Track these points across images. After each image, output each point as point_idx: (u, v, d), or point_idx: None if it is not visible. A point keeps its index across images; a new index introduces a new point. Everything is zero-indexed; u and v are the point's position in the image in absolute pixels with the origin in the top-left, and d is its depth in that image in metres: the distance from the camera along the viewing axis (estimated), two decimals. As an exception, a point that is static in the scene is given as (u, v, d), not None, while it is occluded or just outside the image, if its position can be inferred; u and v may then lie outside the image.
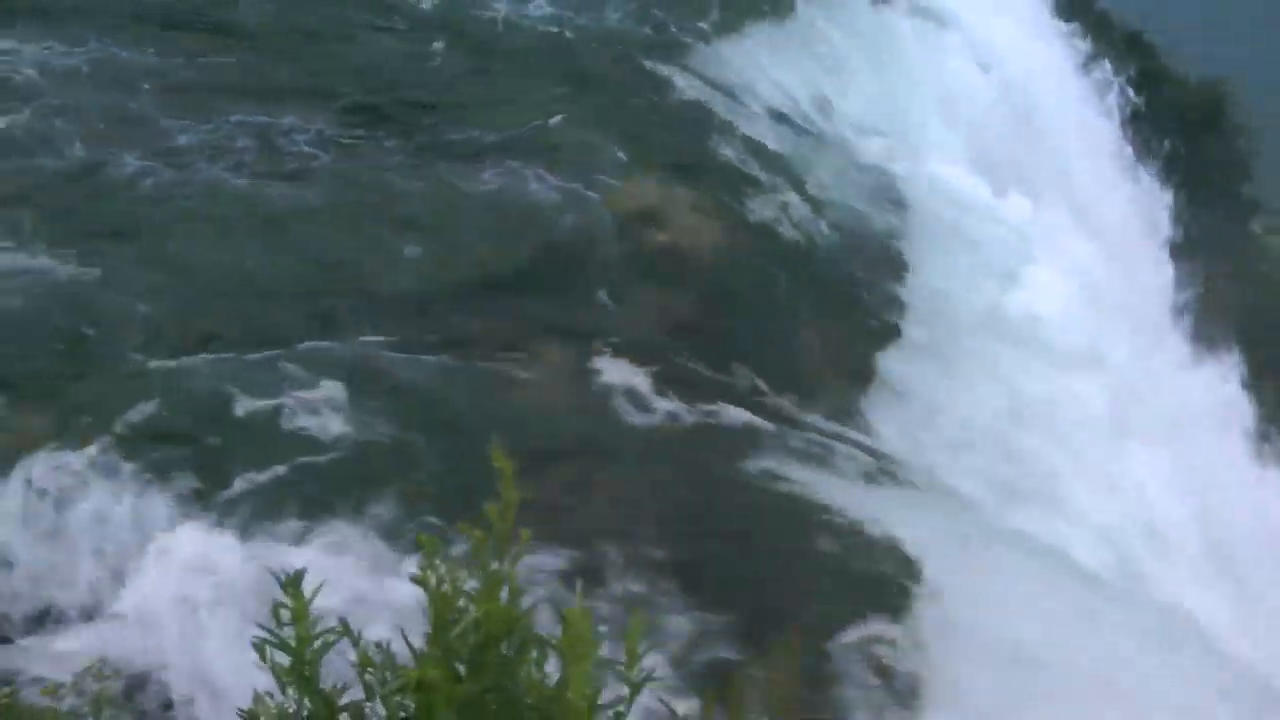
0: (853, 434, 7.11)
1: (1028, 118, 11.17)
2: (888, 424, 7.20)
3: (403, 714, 2.13)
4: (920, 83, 9.92)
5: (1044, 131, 11.30)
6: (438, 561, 2.13)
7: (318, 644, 2.12)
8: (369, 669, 2.14)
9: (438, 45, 8.94)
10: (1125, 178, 13.04)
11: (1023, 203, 8.95)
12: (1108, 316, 8.85)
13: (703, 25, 9.42)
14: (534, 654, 2.15)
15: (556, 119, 8.30)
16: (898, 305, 7.84)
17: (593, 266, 7.22)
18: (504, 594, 2.12)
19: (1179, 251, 13.77)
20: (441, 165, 7.65)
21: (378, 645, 2.12)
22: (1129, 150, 13.98)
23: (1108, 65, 14.46)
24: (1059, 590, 6.21)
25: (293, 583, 2.14)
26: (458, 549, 2.20)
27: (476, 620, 2.12)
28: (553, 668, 2.08)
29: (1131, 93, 14.99)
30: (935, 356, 7.59)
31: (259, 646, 2.12)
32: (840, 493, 6.23)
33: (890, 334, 7.69)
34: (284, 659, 2.12)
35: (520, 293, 6.90)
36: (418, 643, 2.06)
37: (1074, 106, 12.99)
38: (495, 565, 2.14)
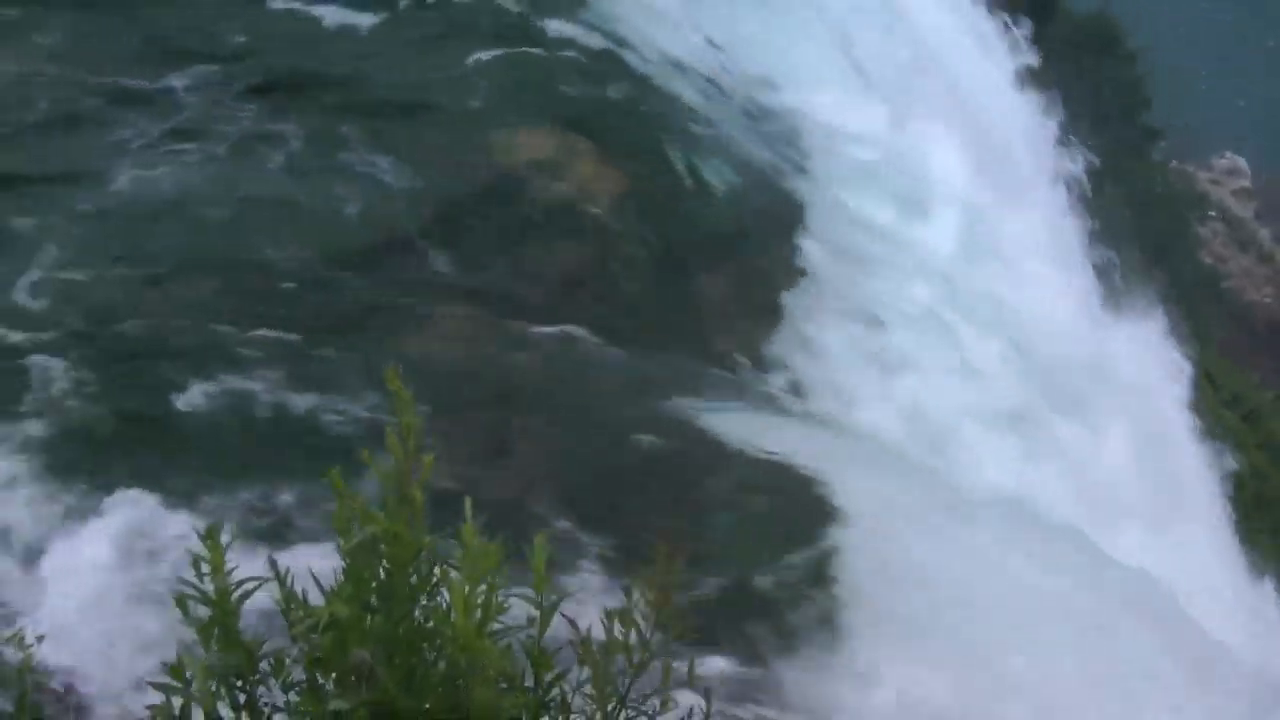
0: (762, 372, 7.16)
1: (924, 53, 11.24)
2: (795, 360, 7.24)
3: (317, 655, 2.12)
4: (813, 24, 9.92)
5: (940, 66, 11.38)
6: (346, 493, 2.14)
7: (236, 595, 2.10)
8: (291, 607, 2.14)
9: (318, 11, 8.77)
10: (1022, 108, 13.18)
11: (921, 130, 9.02)
12: (1007, 248, 8.97)
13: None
14: (435, 577, 2.16)
15: (447, 77, 8.21)
16: (798, 245, 7.87)
17: (490, 223, 7.16)
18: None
19: (1080, 184, 13.99)
20: (327, 133, 7.52)
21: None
22: (1025, 83, 14.16)
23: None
24: (972, 520, 6.31)
25: (210, 534, 2.13)
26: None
27: (381, 545, 2.12)
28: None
29: (1025, 26, 15.20)
30: (837, 294, 7.64)
31: (180, 600, 2.10)
32: (751, 429, 6.29)
33: (793, 272, 7.72)
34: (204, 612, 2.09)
35: (416, 256, 6.84)
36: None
37: (968, 40, 13.10)
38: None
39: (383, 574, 2.10)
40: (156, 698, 2.08)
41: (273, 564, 2.12)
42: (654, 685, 2.20)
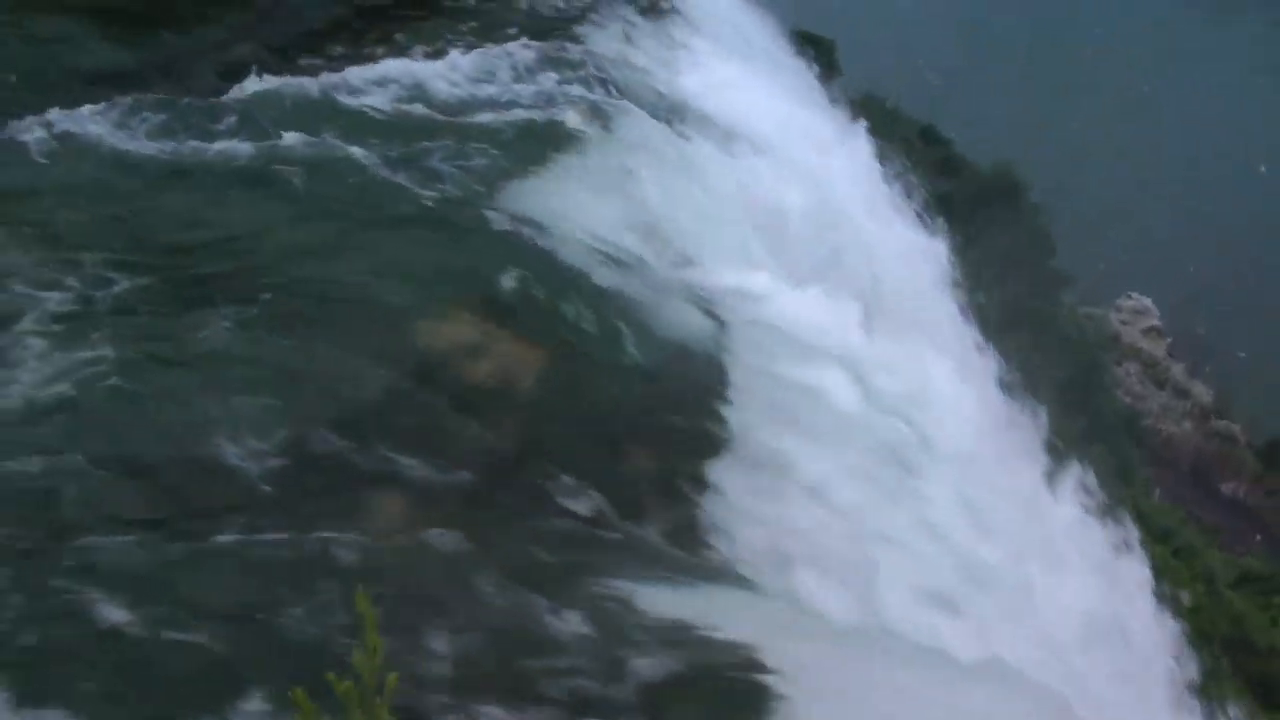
0: (689, 542, 7.19)
1: (832, 220, 11.57)
2: (721, 528, 7.29)
3: None
4: (725, 200, 10.22)
5: (849, 230, 11.71)
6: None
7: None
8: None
9: (239, 201, 8.89)
10: (930, 264, 13.55)
11: (833, 302, 9.26)
12: (917, 403, 9.16)
13: (506, 164, 9.56)
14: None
15: (365, 265, 8.30)
16: (720, 416, 7.98)
17: (413, 410, 7.18)
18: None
19: (992, 331, 14.33)
20: (245, 325, 7.55)
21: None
22: (934, 239, 14.58)
23: (904, 161, 15.14)
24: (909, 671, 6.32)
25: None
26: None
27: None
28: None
29: (928, 183, 15.72)
30: (756, 465, 7.73)
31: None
32: (675, 598, 6.29)
33: (716, 444, 7.80)
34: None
35: (338, 449, 6.81)
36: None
37: (875, 201, 13.51)
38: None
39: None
40: None
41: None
42: None
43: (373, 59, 11.09)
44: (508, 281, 8.49)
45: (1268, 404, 27.30)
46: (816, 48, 18.21)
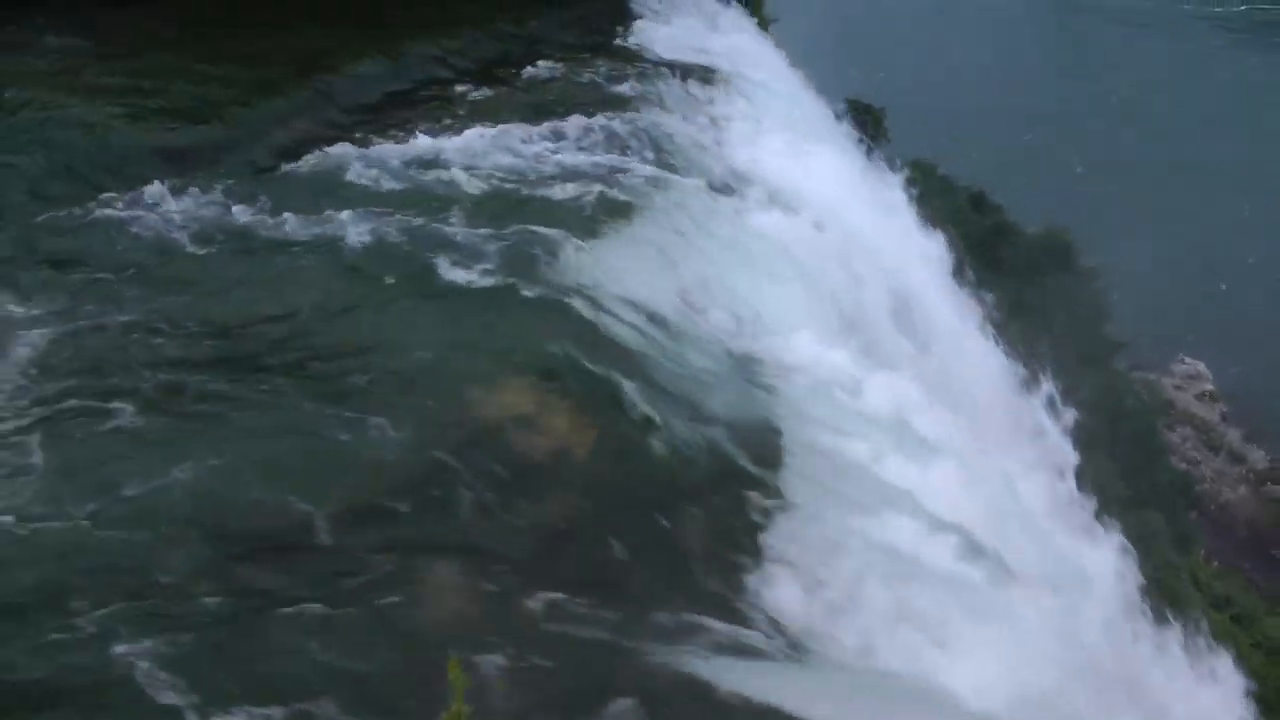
0: (747, 614, 7.17)
1: (887, 294, 11.59)
2: (780, 600, 7.27)
3: None
4: (777, 270, 10.26)
5: (906, 306, 11.72)
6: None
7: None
8: None
9: (294, 273, 9.05)
10: (985, 336, 13.52)
11: (888, 378, 9.27)
12: (976, 483, 9.12)
13: (560, 234, 9.67)
14: None
15: (423, 337, 8.42)
16: (773, 488, 7.98)
17: (470, 480, 7.24)
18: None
19: (1052, 406, 14.23)
20: (302, 400, 7.68)
21: None
22: (984, 310, 14.54)
23: (955, 228, 15.14)
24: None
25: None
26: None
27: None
28: None
29: (979, 250, 15.70)
30: (818, 532, 7.72)
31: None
32: (738, 673, 6.28)
33: (772, 513, 7.80)
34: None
35: (400, 519, 6.89)
36: None
37: (924, 268, 13.51)
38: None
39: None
40: None
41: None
42: None
43: (429, 133, 11.27)
44: (560, 351, 8.56)
45: (1324, 468, 26.88)
46: (867, 115, 18.34)
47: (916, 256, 13.29)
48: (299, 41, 13.40)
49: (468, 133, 11.40)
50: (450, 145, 11.01)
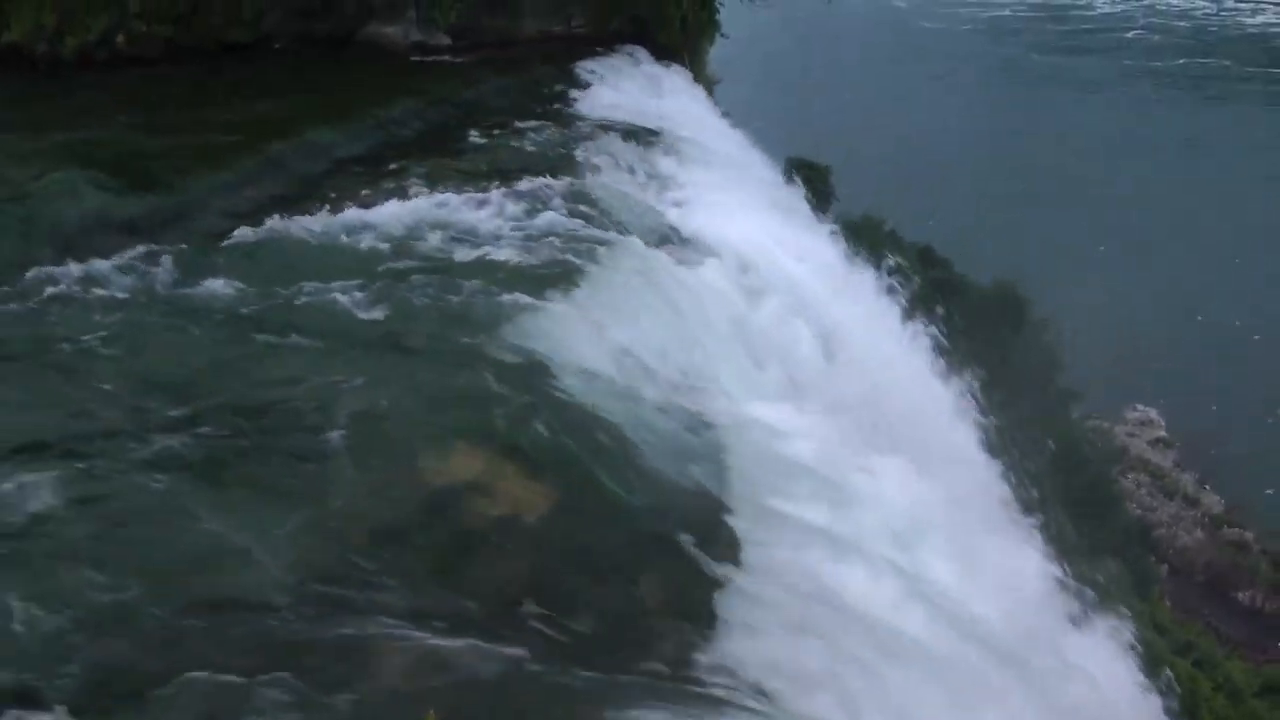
0: (700, 675, 7.14)
1: (837, 348, 11.68)
2: (733, 661, 7.24)
3: None
4: (722, 329, 10.34)
5: (855, 359, 11.81)
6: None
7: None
8: None
9: (239, 341, 9.03)
10: (937, 385, 13.62)
11: (837, 427, 9.31)
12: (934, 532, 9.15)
13: (507, 298, 9.71)
14: None
15: (372, 403, 8.39)
16: (729, 544, 7.98)
17: (422, 548, 7.22)
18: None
19: (1001, 452, 14.33)
20: (256, 468, 7.64)
21: None
22: (939, 359, 14.65)
23: (902, 281, 15.30)
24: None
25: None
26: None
27: None
28: None
29: (928, 303, 15.85)
30: (770, 595, 7.72)
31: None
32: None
33: (725, 575, 7.79)
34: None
35: (350, 590, 6.83)
36: None
37: (880, 327, 13.63)
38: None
39: None
40: None
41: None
42: None
43: (375, 201, 11.34)
44: (511, 416, 8.56)
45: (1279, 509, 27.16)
46: (812, 173, 18.56)
47: (862, 309, 13.41)
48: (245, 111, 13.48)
49: (417, 199, 11.48)
50: (398, 210, 11.09)
